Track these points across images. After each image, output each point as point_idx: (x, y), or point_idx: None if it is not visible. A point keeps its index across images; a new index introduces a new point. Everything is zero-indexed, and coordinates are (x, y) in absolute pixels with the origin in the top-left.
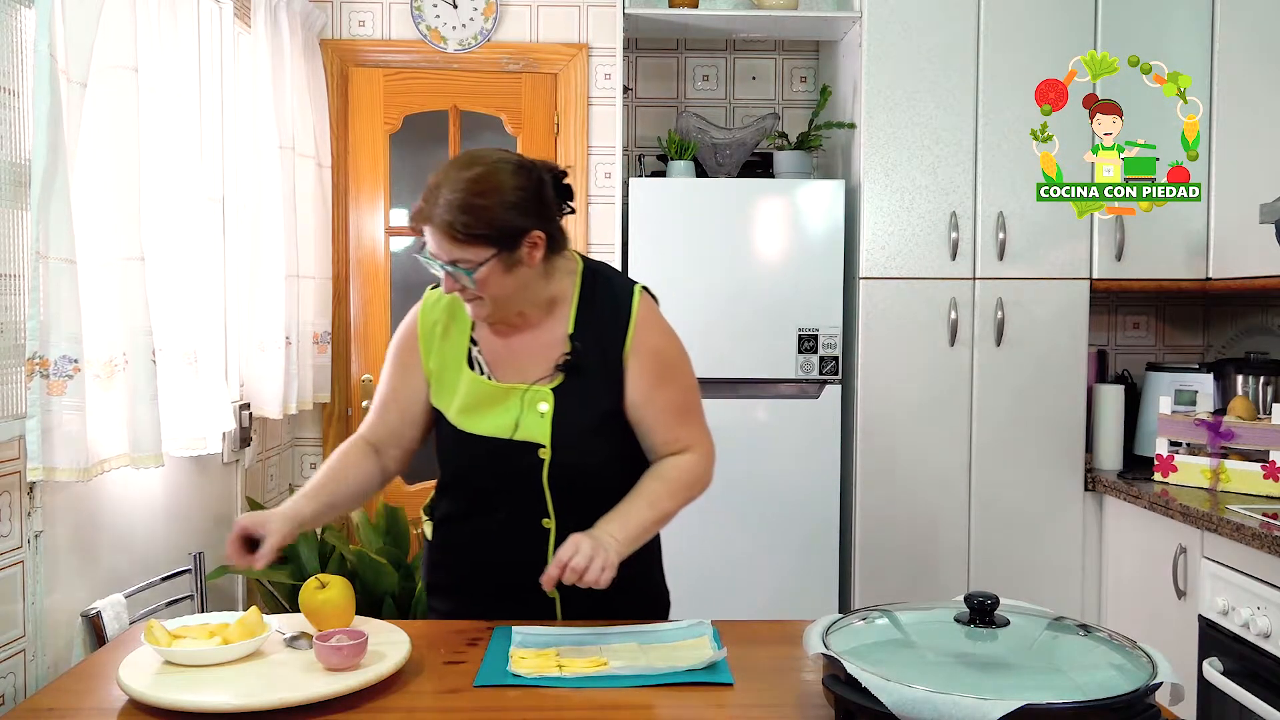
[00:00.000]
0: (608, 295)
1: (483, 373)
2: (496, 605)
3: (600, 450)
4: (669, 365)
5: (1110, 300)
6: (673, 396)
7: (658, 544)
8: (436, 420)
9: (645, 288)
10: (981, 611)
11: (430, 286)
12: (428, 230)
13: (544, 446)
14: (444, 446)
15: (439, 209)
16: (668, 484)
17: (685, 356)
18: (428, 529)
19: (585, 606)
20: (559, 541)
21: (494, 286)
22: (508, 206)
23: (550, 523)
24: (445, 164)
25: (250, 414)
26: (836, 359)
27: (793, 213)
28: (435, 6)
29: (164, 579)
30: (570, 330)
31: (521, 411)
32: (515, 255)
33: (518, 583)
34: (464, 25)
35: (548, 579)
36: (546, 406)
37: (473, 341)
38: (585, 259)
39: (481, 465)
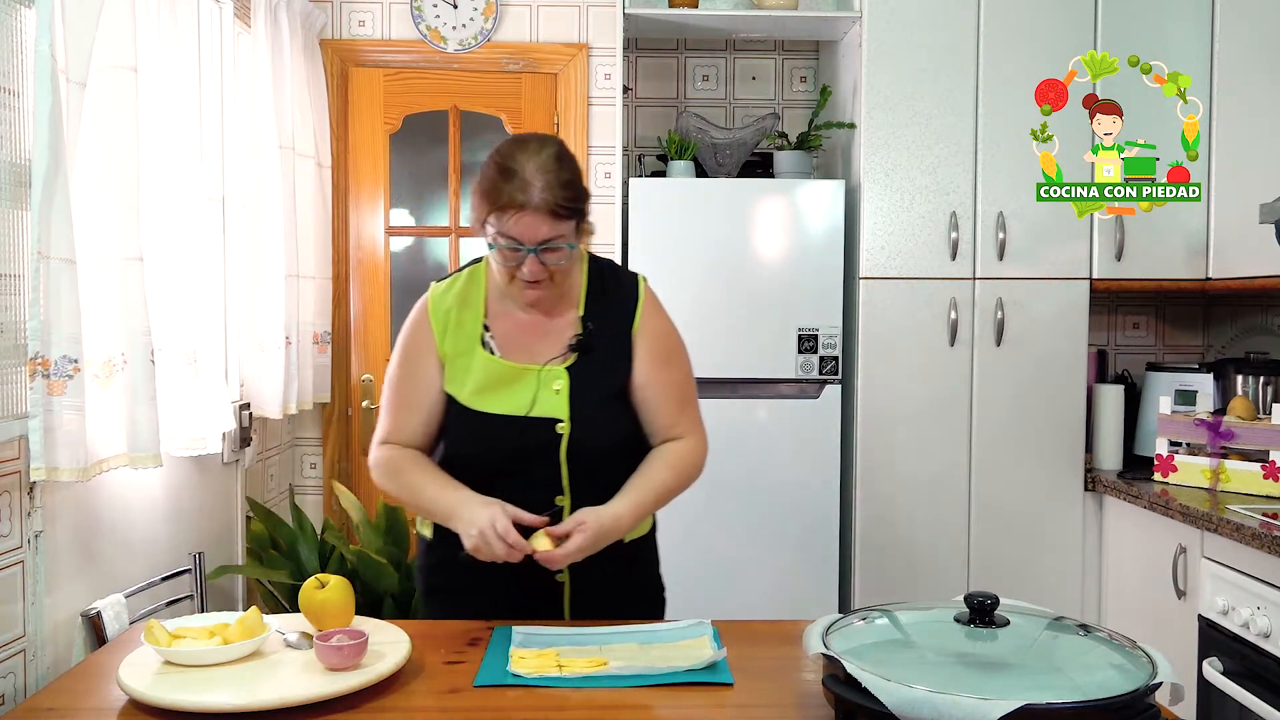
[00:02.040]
0: (614, 281)
1: (495, 354)
2: (502, 605)
3: (613, 427)
4: (673, 349)
5: (1110, 300)
6: (675, 379)
7: (656, 542)
8: (447, 407)
9: (646, 279)
10: (981, 611)
11: (436, 280)
12: (518, 216)
13: (562, 421)
14: (455, 433)
15: (537, 190)
16: (671, 469)
17: (685, 347)
18: (426, 529)
19: (592, 606)
20: None
21: (568, 262)
22: (583, 179)
23: (564, 500)
24: (509, 152)
25: (250, 414)
26: (836, 359)
27: (793, 213)
28: (435, 6)
29: (164, 579)
30: (581, 313)
31: (538, 390)
32: (583, 228)
33: (526, 578)
34: (464, 25)
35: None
36: (561, 384)
37: (484, 326)
38: (588, 250)
39: (497, 445)
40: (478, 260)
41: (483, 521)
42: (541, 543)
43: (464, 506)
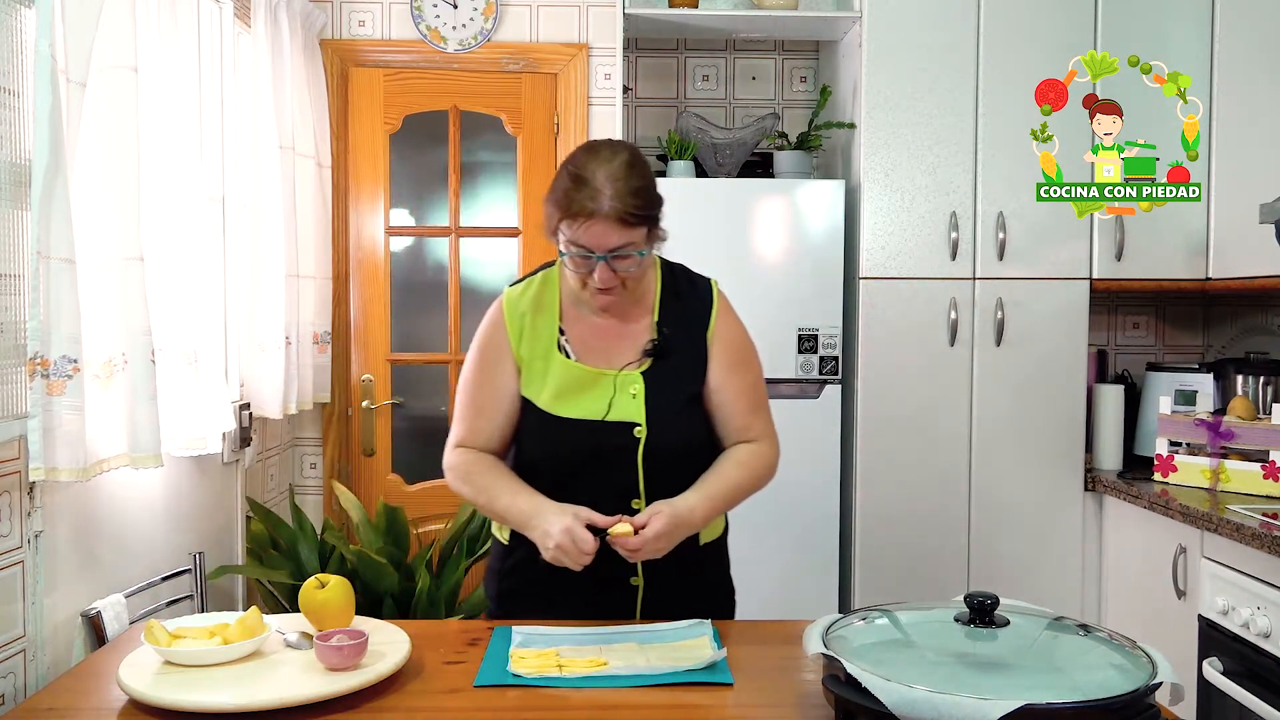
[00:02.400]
0: (688, 285)
1: (571, 358)
2: (576, 608)
3: (689, 431)
4: (746, 353)
5: (1110, 300)
6: (749, 383)
7: (727, 544)
8: (522, 411)
9: (717, 282)
10: (981, 611)
11: (510, 284)
12: (588, 225)
13: (639, 425)
14: (531, 437)
15: (607, 198)
16: (743, 467)
17: (756, 351)
18: (502, 533)
19: (666, 608)
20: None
21: (639, 269)
22: (656, 186)
23: (640, 503)
24: (581, 160)
25: (250, 414)
26: (836, 359)
27: (793, 213)
28: (435, 6)
29: (164, 579)
30: (655, 318)
31: (614, 394)
32: (654, 234)
33: (600, 581)
34: (464, 25)
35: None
36: (638, 389)
37: (560, 330)
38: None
39: (573, 449)
40: (550, 264)
41: (558, 535)
42: (621, 527)
43: (538, 516)
